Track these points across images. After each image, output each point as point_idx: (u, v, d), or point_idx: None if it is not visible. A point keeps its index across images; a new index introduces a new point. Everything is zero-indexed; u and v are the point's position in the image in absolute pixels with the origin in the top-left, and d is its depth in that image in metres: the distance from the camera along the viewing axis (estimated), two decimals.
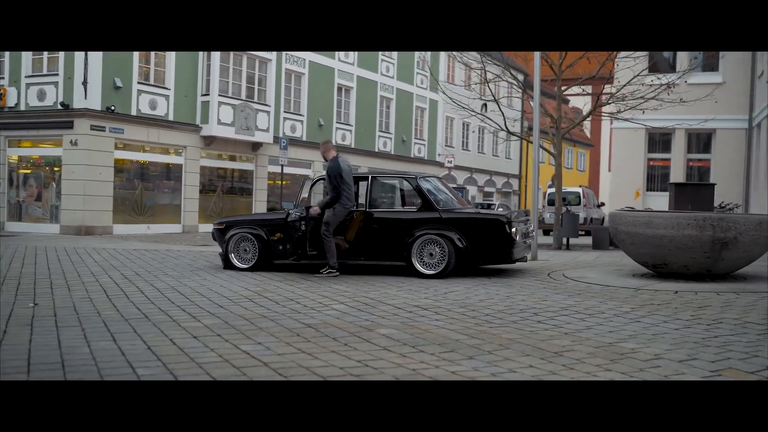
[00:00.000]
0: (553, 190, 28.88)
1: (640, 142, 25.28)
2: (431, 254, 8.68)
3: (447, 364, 4.17)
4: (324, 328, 5.27)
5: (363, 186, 9.42)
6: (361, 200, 9.43)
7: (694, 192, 10.84)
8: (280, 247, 9.38)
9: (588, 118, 17.47)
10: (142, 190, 19.95)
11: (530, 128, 42.56)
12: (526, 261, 9.44)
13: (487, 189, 40.42)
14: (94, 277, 8.61)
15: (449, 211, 8.96)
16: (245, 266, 9.45)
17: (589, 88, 18.99)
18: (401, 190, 10.21)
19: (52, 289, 7.47)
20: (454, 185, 36.06)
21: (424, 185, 9.14)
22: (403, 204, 10.09)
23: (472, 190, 39.05)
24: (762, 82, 22.38)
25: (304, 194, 10.13)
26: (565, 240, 15.30)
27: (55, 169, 19.03)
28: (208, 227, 21.53)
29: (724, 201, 21.18)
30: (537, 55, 12.21)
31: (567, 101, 52.60)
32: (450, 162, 32.73)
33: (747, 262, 8.13)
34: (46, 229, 18.11)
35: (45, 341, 4.70)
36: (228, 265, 9.60)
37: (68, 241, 15.03)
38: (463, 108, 16.74)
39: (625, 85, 16.04)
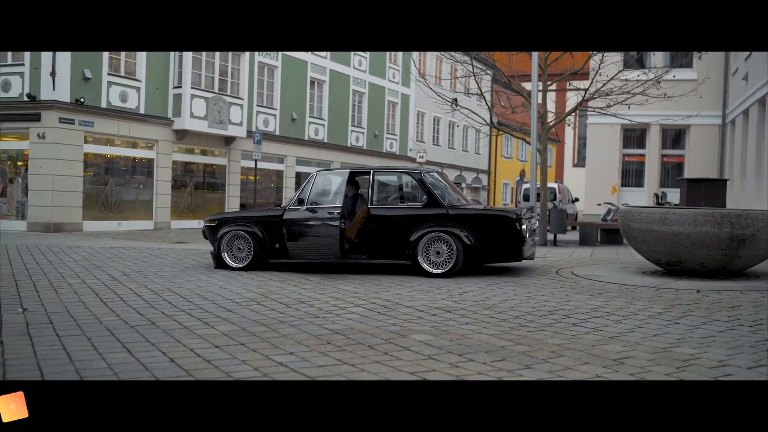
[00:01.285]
0: (527, 185, 28.82)
1: (616, 137, 25.32)
2: (438, 252, 8.30)
3: (507, 375, 3.82)
4: (353, 335, 4.88)
5: (364, 182, 9.03)
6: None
7: (708, 188, 10.64)
8: (277, 246, 8.93)
9: (574, 113, 17.26)
10: (112, 186, 19.20)
11: (500, 123, 42.75)
12: (533, 259, 9.11)
13: (457, 184, 40.28)
14: (79, 278, 8.06)
15: (456, 208, 8.59)
16: (239, 265, 8.97)
17: (576, 84, 18.81)
18: (404, 185, 9.83)
19: (38, 291, 6.93)
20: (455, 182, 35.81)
21: (429, 180, 8.77)
22: (407, 200, 9.71)
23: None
24: (737, 79, 22.55)
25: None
26: (551, 236, 15.08)
27: (19, 163, 18.21)
28: (181, 224, 20.99)
29: None
30: (535, 55, 11.92)
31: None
32: (422, 157, 32.48)
33: (761, 260, 7.96)
34: (13, 226, 17.24)
35: (52, 354, 4.23)
36: (220, 264, 9.12)
37: (38, 239, 14.32)
38: (450, 104, 16.40)
39: (611, 79, 15.92)
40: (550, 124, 16.88)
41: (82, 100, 17.62)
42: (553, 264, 9.96)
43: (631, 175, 25.76)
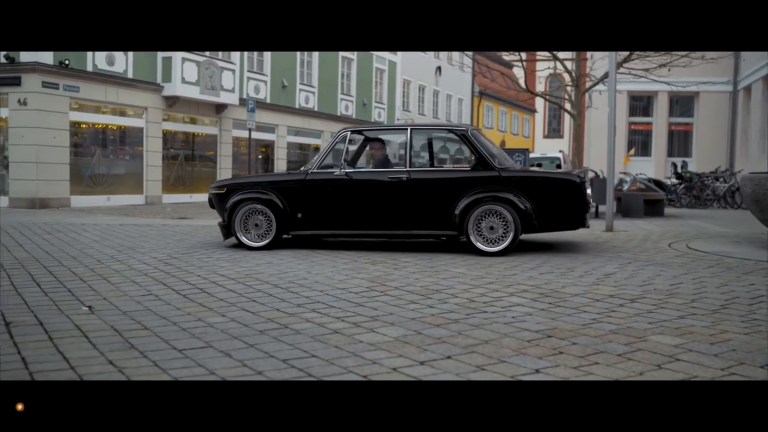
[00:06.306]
0: (532, 155, 27.81)
1: (622, 106, 24.38)
2: (492, 227, 7.11)
3: None
4: (576, 338, 3.67)
5: (401, 141, 7.80)
6: (400, 159, 7.83)
7: None
8: (300, 215, 7.68)
9: (605, 78, 16.19)
10: (99, 157, 17.53)
11: (481, 93, 41.79)
12: (588, 227, 7.87)
13: None
14: (121, 262, 6.68)
15: (508, 170, 7.34)
16: (258, 243, 7.68)
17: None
18: (447, 144, 8.54)
19: (84, 281, 5.57)
20: None
21: (476, 138, 7.49)
22: (451, 162, 8.41)
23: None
24: None
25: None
26: (594, 208, 14.03)
27: None
28: (172, 198, 19.42)
29: (720, 167, 20.55)
30: (612, 55, 10.68)
31: (510, 66, 51.89)
32: None
33: None
34: None
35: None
36: (229, 236, 7.86)
37: (27, 216, 12.73)
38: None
39: None
40: (586, 87, 15.84)
41: (67, 62, 15.90)
42: (649, 238, 8.88)
43: (638, 145, 24.95)
